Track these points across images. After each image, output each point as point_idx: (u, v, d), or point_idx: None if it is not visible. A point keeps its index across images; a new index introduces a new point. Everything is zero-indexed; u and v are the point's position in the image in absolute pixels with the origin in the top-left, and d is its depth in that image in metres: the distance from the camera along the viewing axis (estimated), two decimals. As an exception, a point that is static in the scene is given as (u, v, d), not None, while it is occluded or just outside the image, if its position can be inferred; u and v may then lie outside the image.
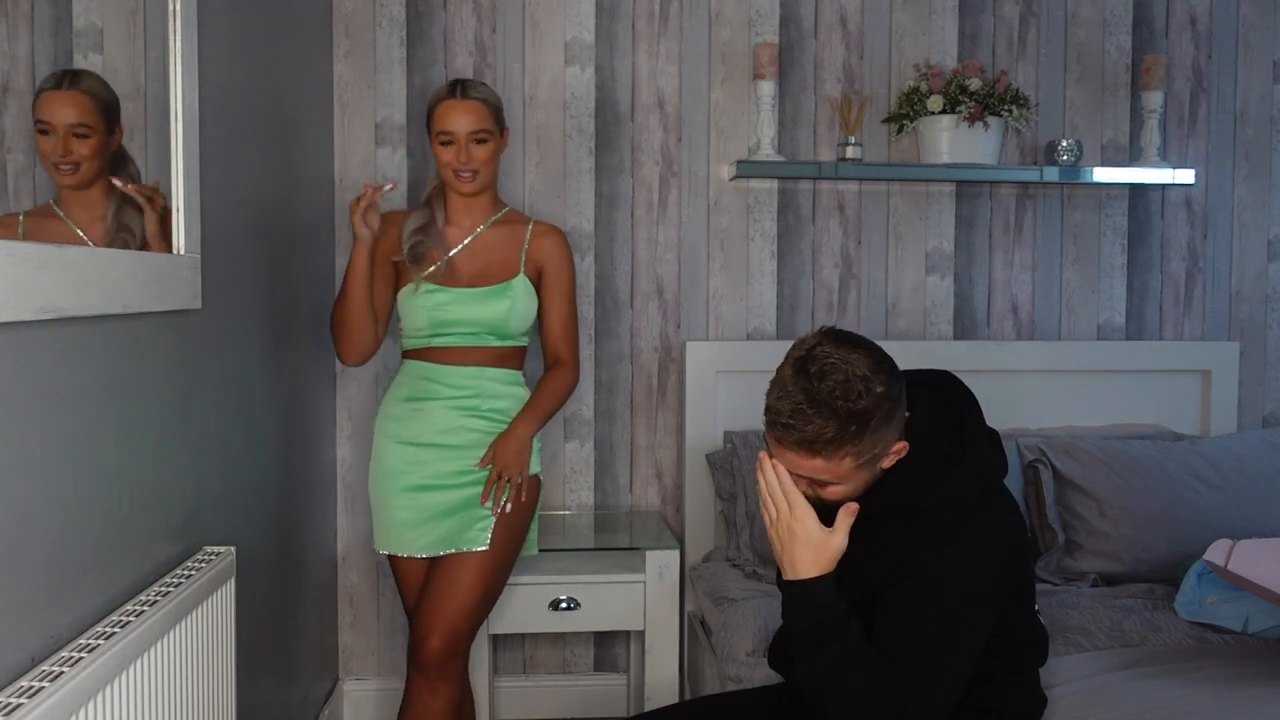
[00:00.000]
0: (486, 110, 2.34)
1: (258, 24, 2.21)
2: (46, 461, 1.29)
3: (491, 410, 2.39)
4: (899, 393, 1.61)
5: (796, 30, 3.05)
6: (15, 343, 1.21)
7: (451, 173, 2.35)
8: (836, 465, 1.59)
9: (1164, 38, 3.14)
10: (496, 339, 2.40)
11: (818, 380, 1.56)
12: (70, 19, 1.47)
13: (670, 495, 3.09)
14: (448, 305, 2.38)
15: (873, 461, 1.62)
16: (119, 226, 1.58)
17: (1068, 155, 2.98)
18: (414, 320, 2.41)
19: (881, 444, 1.60)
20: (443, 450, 2.37)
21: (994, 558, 1.66)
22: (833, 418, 1.55)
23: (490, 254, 2.42)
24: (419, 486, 2.38)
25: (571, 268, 2.49)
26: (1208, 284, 3.20)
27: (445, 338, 2.39)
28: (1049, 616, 2.37)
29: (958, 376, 1.80)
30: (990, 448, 1.76)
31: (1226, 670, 2.02)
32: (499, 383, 2.41)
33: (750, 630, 2.34)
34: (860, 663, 1.62)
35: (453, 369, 2.39)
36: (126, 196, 1.59)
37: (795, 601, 1.69)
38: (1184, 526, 2.64)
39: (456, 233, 2.43)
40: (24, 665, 1.23)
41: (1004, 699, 1.76)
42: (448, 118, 2.32)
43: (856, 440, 1.57)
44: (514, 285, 2.40)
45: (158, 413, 1.63)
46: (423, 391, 2.40)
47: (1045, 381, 3.07)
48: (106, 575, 1.46)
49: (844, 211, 3.08)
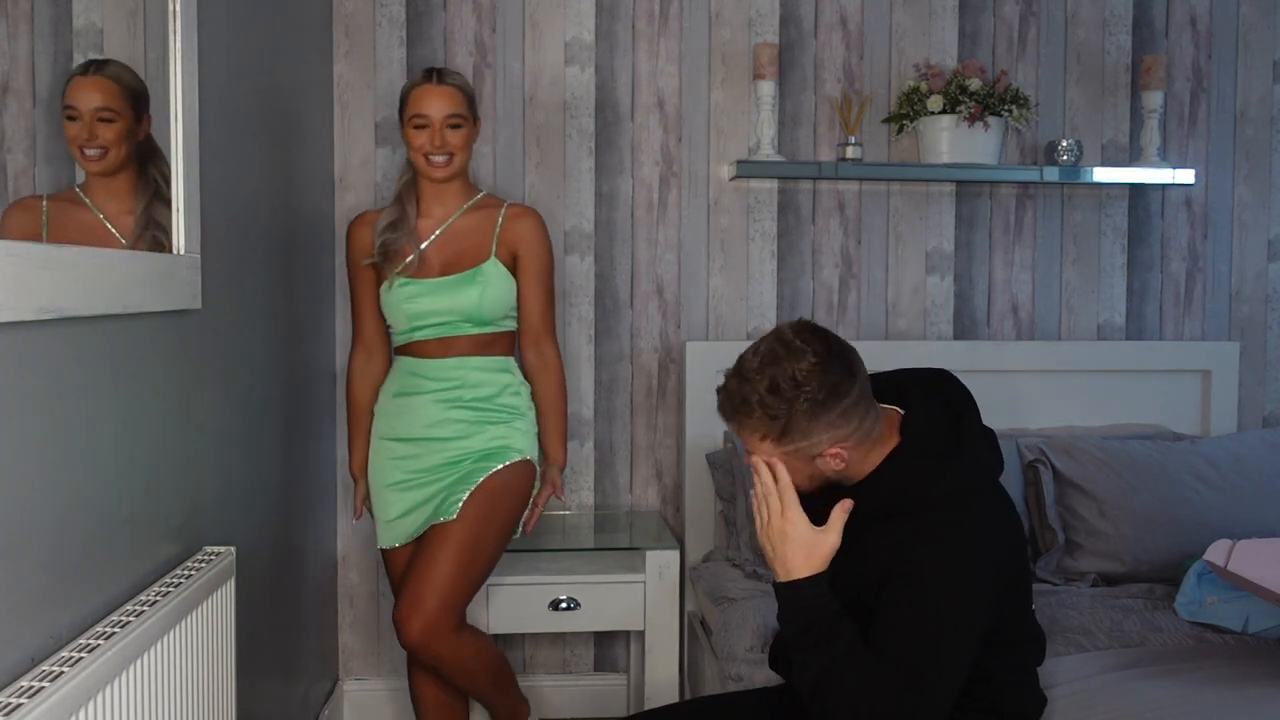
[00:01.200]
0: (461, 96, 2.35)
1: (258, 24, 2.21)
2: (46, 461, 1.29)
3: (475, 400, 2.39)
4: (841, 397, 1.62)
5: (796, 30, 3.05)
6: (15, 343, 1.20)
7: (423, 158, 2.34)
8: (756, 444, 1.67)
9: (1164, 38, 3.14)
10: (474, 326, 2.39)
11: (754, 359, 1.66)
12: (70, 19, 1.47)
13: (670, 495, 3.09)
14: (420, 297, 2.37)
15: (801, 455, 1.65)
16: (149, 222, 1.58)
17: (1068, 155, 2.98)
18: (394, 317, 2.42)
19: (806, 440, 1.63)
20: (431, 444, 2.38)
21: (991, 555, 1.66)
22: (753, 396, 1.63)
23: (462, 241, 2.41)
24: (407, 482, 2.40)
25: (548, 250, 2.46)
26: (1208, 284, 3.20)
27: (424, 330, 2.39)
28: (1049, 616, 2.37)
29: (955, 375, 1.81)
30: (986, 446, 1.76)
31: (1226, 670, 2.02)
32: (482, 370, 2.40)
33: (750, 629, 2.34)
34: (856, 661, 1.61)
35: (435, 361, 2.39)
36: (159, 192, 1.59)
37: (788, 603, 1.69)
38: (1184, 526, 2.64)
39: (429, 224, 2.42)
40: (24, 665, 1.23)
41: (1003, 698, 1.76)
42: (422, 101, 2.33)
43: (771, 422, 1.63)
44: (484, 270, 2.38)
45: (158, 413, 1.63)
46: (410, 386, 2.41)
47: (1045, 381, 3.07)
48: (106, 575, 1.46)
49: (844, 211, 3.08)
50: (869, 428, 1.68)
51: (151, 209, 1.59)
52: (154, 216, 1.58)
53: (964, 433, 1.71)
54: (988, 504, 1.71)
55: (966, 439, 1.71)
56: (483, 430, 2.38)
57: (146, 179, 1.59)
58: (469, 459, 2.36)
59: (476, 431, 2.38)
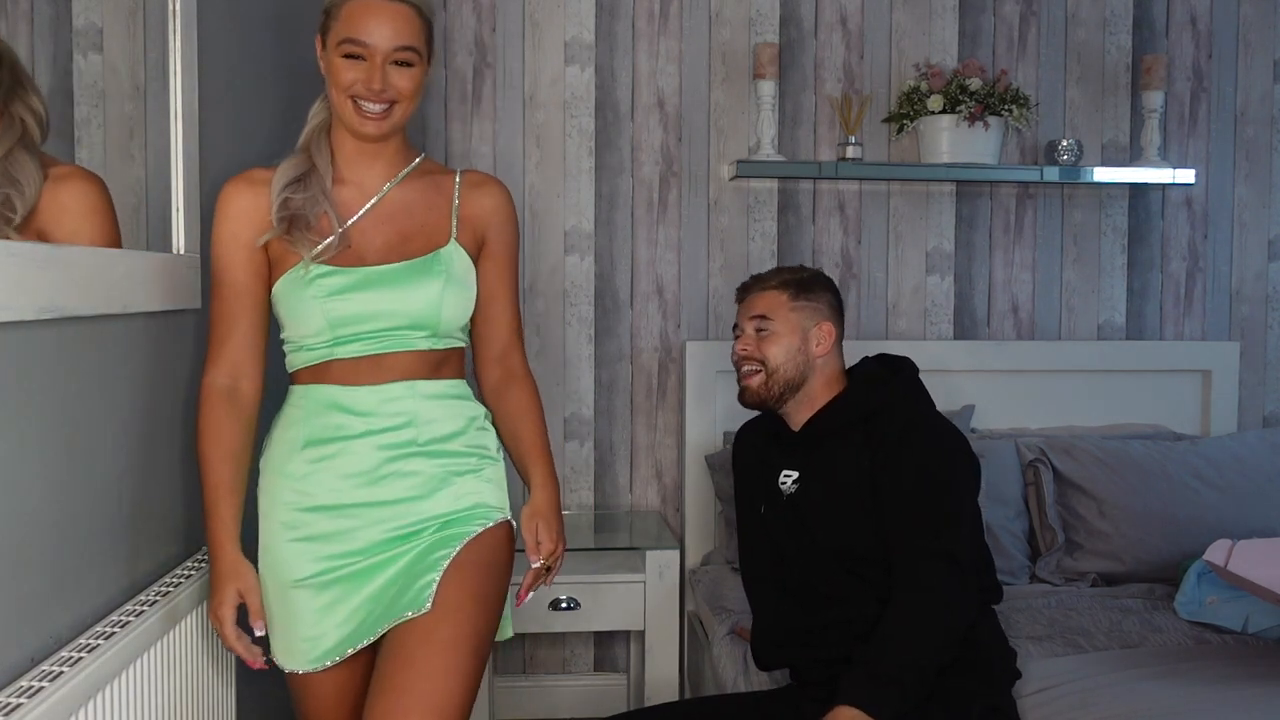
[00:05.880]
0: (419, 21, 1.62)
1: (258, 23, 2.21)
2: (46, 461, 1.29)
3: (432, 443, 1.64)
4: (831, 292, 2.06)
5: (796, 30, 3.05)
6: (15, 342, 1.20)
7: (352, 104, 1.61)
8: (775, 298, 2.00)
9: (1164, 37, 3.14)
10: (428, 337, 1.65)
11: None
12: (70, 18, 1.47)
13: (670, 495, 3.09)
14: (349, 293, 1.61)
15: (804, 313, 1.99)
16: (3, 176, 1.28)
17: (1068, 155, 2.98)
18: (303, 322, 1.63)
19: (811, 301, 2.01)
20: (369, 511, 1.61)
21: (957, 440, 1.95)
22: (781, 271, 2.09)
23: (406, 218, 1.68)
24: (330, 572, 1.61)
25: (517, 233, 1.79)
26: (1208, 284, 3.20)
27: (352, 344, 1.63)
28: (1048, 617, 2.37)
29: None
30: None
31: (1226, 670, 2.02)
32: (439, 400, 1.66)
33: (745, 659, 2.32)
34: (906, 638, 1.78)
35: (369, 390, 1.63)
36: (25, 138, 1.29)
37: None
38: (1184, 526, 2.64)
39: (353, 193, 1.67)
40: (24, 665, 1.23)
41: (978, 639, 1.89)
42: (363, 21, 1.58)
43: (789, 281, 2.03)
44: (443, 256, 1.66)
45: (157, 412, 1.63)
46: (328, 430, 1.63)
47: (1045, 381, 3.07)
48: (106, 575, 1.45)
49: (844, 211, 3.08)
50: (839, 342, 2.04)
51: (11, 160, 1.29)
52: (9, 169, 1.28)
53: (902, 370, 2.03)
54: (934, 412, 2.01)
55: (905, 372, 2.02)
56: (447, 485, 1.65)
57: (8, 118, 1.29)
58: (429, 528, 1.63)
59: (439, 487, 1.64)
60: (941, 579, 1.81)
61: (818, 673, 1.92)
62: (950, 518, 1.86)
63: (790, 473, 2.00)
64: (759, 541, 2.05)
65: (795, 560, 1.98)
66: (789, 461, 2.01)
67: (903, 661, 1.76)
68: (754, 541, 2.07)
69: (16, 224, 1.29)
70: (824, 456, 1.97)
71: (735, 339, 2.05)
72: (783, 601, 2.01)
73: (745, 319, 2.02)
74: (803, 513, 1.96)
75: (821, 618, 1.93)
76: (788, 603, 2.00)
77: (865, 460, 1.91)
